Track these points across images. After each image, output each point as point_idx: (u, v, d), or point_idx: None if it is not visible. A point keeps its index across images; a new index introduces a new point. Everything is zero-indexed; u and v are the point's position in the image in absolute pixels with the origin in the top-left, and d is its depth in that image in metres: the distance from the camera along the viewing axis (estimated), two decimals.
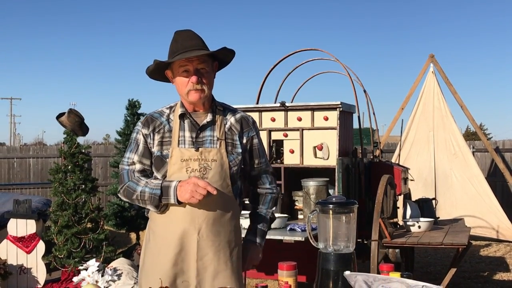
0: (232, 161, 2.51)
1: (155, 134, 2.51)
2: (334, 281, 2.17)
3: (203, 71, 2.45)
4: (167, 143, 2.50)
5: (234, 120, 2.57)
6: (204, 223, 2.43)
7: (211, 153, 2.46)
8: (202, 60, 2.44)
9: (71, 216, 6.29)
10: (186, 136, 2.50)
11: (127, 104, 7.87)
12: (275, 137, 5.44)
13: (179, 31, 2.50)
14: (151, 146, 2.53)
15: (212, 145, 2.49)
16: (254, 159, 2.65)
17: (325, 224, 2.26)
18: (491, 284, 6.54)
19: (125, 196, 2.57)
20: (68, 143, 6.60)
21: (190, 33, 2.49)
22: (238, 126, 2.57)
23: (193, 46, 2.42)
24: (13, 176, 13.21)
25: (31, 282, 6.12)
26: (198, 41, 2.46)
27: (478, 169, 9.61)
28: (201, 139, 2.49)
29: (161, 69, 2.54)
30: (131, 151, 2.56)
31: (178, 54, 2.41)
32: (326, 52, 6.11)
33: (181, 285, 2.44)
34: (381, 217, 4.70)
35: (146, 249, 2.59)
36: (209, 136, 2.50)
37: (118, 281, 5.41)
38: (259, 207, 2.71)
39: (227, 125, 2.55)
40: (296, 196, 5.50)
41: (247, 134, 2.60)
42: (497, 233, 9.12)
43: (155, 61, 2.48)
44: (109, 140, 41.97)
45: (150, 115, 2.59)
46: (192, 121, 2.51)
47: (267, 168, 2.73)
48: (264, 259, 4.91)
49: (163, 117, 2.55)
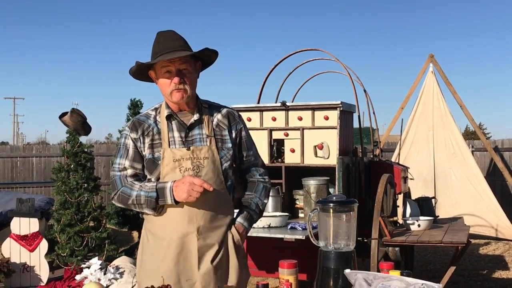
0: (223, 157, 2.52)
1: (145, 138, 2.51)
2: (335, 279, 2.17)
3: (185, 72, 2.45)
4: (158, 145, 2.49)
5: (220, 116, 2.58)
6: (202, 221, 2.45)
7: (202, 151, 2.47)
8: (184, 60, 2.44)
9: (73, 214, 6.35)
10: (176, 136, 2.50)
11: (129, 103, 7.90)
12: (276, 137, 5.44)
13: (161, 32, 2.50)
14: (141, 150, 2.51)
15: (202, 143, 2.50)
16: (243, 151, 2.65)
17: (326, 222, 2.26)
18: (490, 282, 6.54)
19: (120, 202, 2.54)
20: (70, 143, 6.65)
21: (172, 33, 2.49)
22: (226, 121, 2.58)
23: (175, 47, 2.42)
24: (16, 175, 13.22)
25: (34, 280, 6.16)
26: (180, 42, 2.46)
27: (477, 168, 9.61)
28: (190, 138, 2.50)
29: (144, 70, 2.53)
30: (121, 156, 2.54)
31: (160, 55, 2.41)
32: (326, 52, 6.12)
33: (186, 284, 2.45)
34: (381, 216, 4.69)
35: (144, 249, 2.58)
36: (198, 134, 2.51)
37: (120, 279, 5.39)
38: (252, 193, 2.67)
39: (214, 121, 2.56)
40: (297, 195, 5.50)
41: (235, 127, 2.60)
42: (496, 231, 9.13)
43: (137, 62, 2.48)
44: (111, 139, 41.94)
45: (137, 118, 2.58)
46: (180, 121, 2.51)
47: (256, 161, 2.72)
48: (265, 257, 4.97)
49: (150, 119, 2.54)
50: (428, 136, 9.76)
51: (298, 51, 6.27)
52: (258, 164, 2.73)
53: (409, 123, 9.93)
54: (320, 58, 6.46)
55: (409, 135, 9.87)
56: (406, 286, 1.89)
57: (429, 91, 9.91)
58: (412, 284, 1.89)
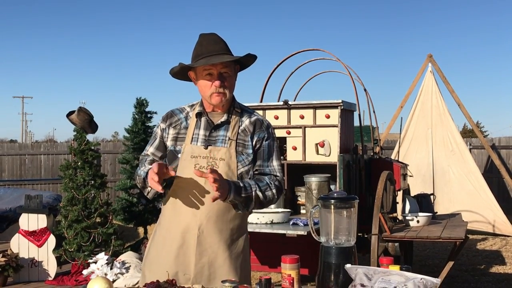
0: (241, 161, 2.49)
1: (171, 129, 2.56)
2: (336, 273, 2.18)
3: (226, 75, 2.47)
4: (181, 139, 2.53)
5: (248, 121, 2.56)
6: (205, 219, 2.45)
7: (220, 152, 2.47)
8: (226, 64, 2.46)
9: (80, 211, 6.35)
10: (200, 134, 2.52)
11: (135, 102, 7.87)
12: (278, 135, 5.34)
13: (204, 34, 2.52)
14: (165, 140, 2.58)
15: (223, 144, 2.49)
16: (257, 159, 2.55)
17: (327, 218, 2.26)
18: (487, 276, 6.57)
19: (136, 183, 2.64)
20: (78, 140, 6.64)
21: (215, 37, 2.50)
22: (251, 127, 2.55)
23: (218, 51, 2.44)
24: (24, 172, 13.34)
25: (42, 274, 6.21)
26: (222, 45, 2.48)
27: (475, 166, 9.67)
28: (213, 138, 2.51)
29: (184, 71, 2.56)
30: (149, 143, 2.64)
31: (202, 58, 2.43)
32: (327, 52, 6.15)
33: (183, 278, 2.46)
34: (381, 212, 4.73)
35: (152, 240, 2.63)
36: (222, 135, 2.51)
37: (126, 274, 5.48)
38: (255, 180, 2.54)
39: (242, 126, 2.54)
40: (298, 191, 5.55)
41: (258, 135, 2.55)
42: (493, 227, 9.21)
43: (180, 64, 2.50)
44: (118, 137, 41.98)
45: (172, 110, 2.64)
46: (208, 120, 2.53)
47: (270, 173, 2.56)
48: (267, 252, 5.02)
49: (182, 113, 2.60)
50: (427, 134, 9.80)
51: (300, 51, 6.29)
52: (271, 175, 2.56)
53: (408, 121, 9.96)
54: (322, 58, 6.48)
55: (408, 133, 9.91)
56: (405, 280, 1.89)
57: (428, 90, 9.96)
58: (411, 278, 1.89)
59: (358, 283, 1.96)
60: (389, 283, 1.90)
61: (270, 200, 2.52)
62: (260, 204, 2.49)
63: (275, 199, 2.54)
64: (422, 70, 10.15)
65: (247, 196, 2.42)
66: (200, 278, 2.45)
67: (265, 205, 2.54)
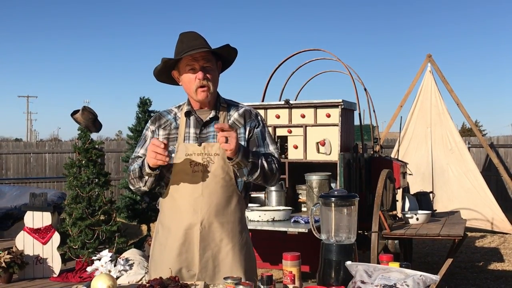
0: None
1: (160, 130, 2.58)
2: (336, 270, 2.19)
3: (208, 69, 2.50)
4: (173, 139, 2.55)
5: (237, 114, 2.59)
6: (206, 214, 2.45)
7: (213, 148, 2.47)
8: (208, 59, 2.50)
9: (85, 208, 6.40)
10: (191, 132, 2.54)
11: (138, 102, 7.94)
12: (280, 133, 5.50)
13: (184, 33, 2.56)
14: None
15: (215, 140, 2.49)
16: (252, 147, 2.55)
17: (328, 216, 2.28)
18: (485, 273, 6.59)
19: (129, 182, 2.60)
20: (82, 139, 6.71)
21: (194, 34, 2.54)
22: (242, 119, 2.58)
23: (198, 45, 2.47)
24: (29, 171, 13.40)
25: (47, 271, 6.24)
26: (202, 41, 2.51)
27: (474, 164, 9.69)
28: (204, 135, 2.53)
29: (168, 70, 2.58)
30: (139, 145, 2.65)
31: (185, 53, 2.46)
32: (328, 52, 6.18)
33: (187, 275, 2.47)
34: (381, 210, 4.76)
35: (155, 240, 2.64)
36: (212, 131, 2.52)
37: (130, 271, 5.54)
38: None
39: (231, 120, 2.57)
40: (299, 189, 5.59)
41: (249, 125, 2.58)
42: (492, 225, 9.23)
43: (163, 59, 2.52)
44: (121, 136, 41.93)
45: (159, 113, 2.67)
46: (197, 117, 2.56)
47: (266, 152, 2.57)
48: (269, 249, 5.07)
49: (170, 115, 2.63)
50: (426, 133, 9.82)
51: (301, 51, 6.33)
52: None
53: (408, 120, 9.99)
54: (322, 58, 6.52)
55: (408, 132, 9.93)
56: (405, 277, 1.90)
57: (427, 89, 9.98)
58: (411, 275, 1.90)
59: (359, 279, 1.98)
60: (389, 280, 1.91)
61: (273, 173, 2.49)
62: (264, 175, 2.46)
63: (277, 176, 2.53)
64: (421, 70, 10.17)
65: (254, 162, 2.40)
66: (205, 273, 2.47)
67: (268, 178, 2.49)
